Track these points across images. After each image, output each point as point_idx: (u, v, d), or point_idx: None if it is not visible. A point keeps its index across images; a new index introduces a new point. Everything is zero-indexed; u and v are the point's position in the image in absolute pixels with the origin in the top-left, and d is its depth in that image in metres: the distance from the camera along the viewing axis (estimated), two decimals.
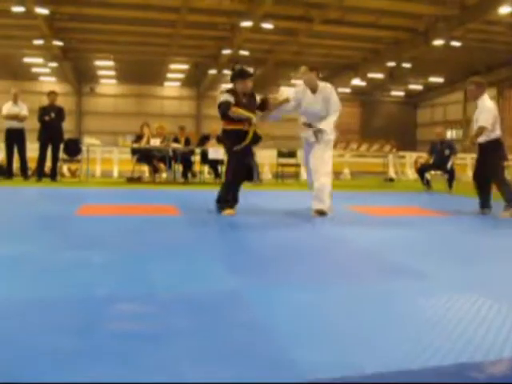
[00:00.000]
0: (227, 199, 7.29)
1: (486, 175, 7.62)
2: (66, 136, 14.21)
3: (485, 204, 7.63)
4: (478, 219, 7.31)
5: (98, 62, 38.93)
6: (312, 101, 7.39)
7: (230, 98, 7.19)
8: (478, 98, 7.59)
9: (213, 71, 38.75)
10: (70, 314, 2.71)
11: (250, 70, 7.48)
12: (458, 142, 40.35)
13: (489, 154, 7.49)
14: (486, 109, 7.46)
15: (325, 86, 7.43)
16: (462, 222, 7.03)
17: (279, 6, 24.50)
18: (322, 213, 7.01)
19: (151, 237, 5.28)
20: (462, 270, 3.97)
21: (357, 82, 38.46)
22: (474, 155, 8.15)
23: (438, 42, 27.90)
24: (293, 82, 44.78)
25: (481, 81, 7.86)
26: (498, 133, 7.54)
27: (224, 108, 7.22)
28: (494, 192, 7.70)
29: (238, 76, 7.24)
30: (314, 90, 7.45)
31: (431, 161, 13.21)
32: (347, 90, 43.15)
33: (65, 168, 14.98)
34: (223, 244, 5.00)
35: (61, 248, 4.46)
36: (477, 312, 2.87)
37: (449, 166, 12.55)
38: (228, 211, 7.12)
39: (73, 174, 15.02)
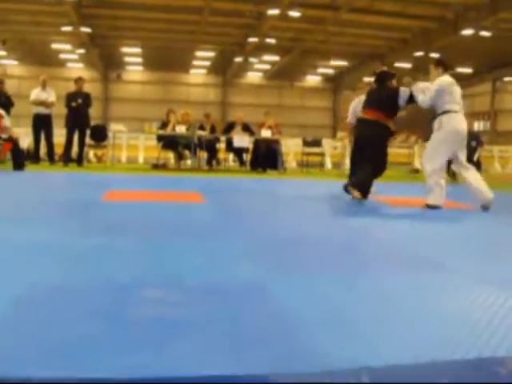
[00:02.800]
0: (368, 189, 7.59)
1: None
2: (93, 122, 14.36)
3: None
4: (503, 213, 7.23)
5: (125, 49, 39.07)
6: None
7: None
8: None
9: (239, 59, 38.69)
10: (95, 300, 2.72)
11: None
12: (486, 133, 39.99)
13: None
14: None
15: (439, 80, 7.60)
16: (487, 215, 6.96)
17: None
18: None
19: (176, 223, 5.31)
20: (486, 264, 3.94)
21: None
22: (502, 147, 8.04)
23: (468, 32, 27.48)
24: (319, 70, 44.62)
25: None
26: None
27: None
28: None
29: (390, 76, 7.95)
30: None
31: None
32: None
33: (91, 153, 15.14)
34: (248, 232, 5.01)
35: (88, 234, 4.50)
36: (500, 307, 2.85)
37: (475, 157, 12.43)
38: (357, 194, 7.37)
39: (99, 159, 15.17)
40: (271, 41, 33.20)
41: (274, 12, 26.35)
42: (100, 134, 14.17)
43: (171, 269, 3.40)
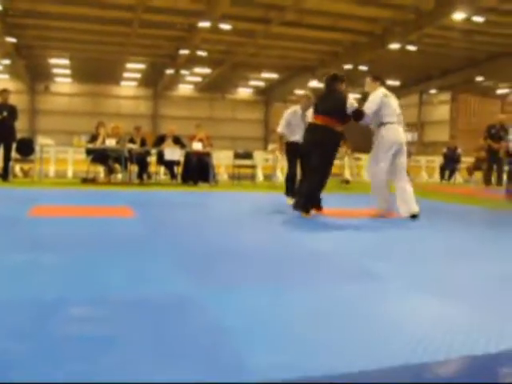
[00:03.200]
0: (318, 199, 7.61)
1: None
2: (19, 135, 13.93)
3: None
4: (428, 220, 7.38)
5: (53, 60, 38.25)
6: None
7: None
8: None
9: (170, 71, 38.50)
10: (18, 317, 2.64)
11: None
12: (414, 144, 41.11)
13: None
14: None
15: (375, 94, 7.67)
16: (414, 223, 7.09)
17: (237, 7, 24.46)
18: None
19: (104, 238, 5.19)
20: (413, 271, 3.99)
21: (314, 83, 38.61)
22: (429, 157, 8.26)
23: (395, 46, 28.26)
24: (250, 83, 44.88)
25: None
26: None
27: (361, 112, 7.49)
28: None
29: (340, 80, 7.74)
30: None
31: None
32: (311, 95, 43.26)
33: (17, 168, 14.69)
34: (177, 246, 4.95)
35: (9, 250, 4.36)
36: (429, 312, 2.89)
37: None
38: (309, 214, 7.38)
39: (25, 174, 14.74)
40: (202, 53, 33.20)
41: (204, 24, 26.35)
42: (26, 148, 13.78)
43: (98, 284, 3.32)
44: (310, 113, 9.28)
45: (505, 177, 13.76)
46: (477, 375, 2.18)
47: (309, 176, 7.71)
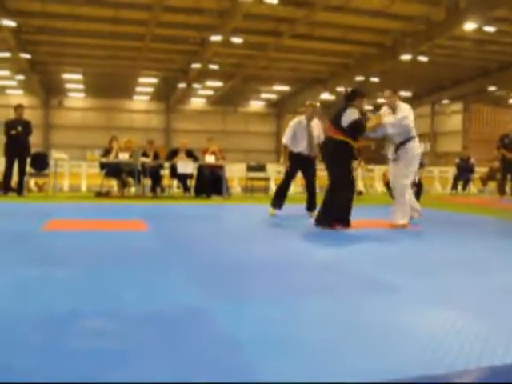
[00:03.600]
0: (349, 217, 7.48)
1: None
2: (33, 150, 14.05)
3: None
4: (441, 231, 7.35)
5: (66, 76, 38.61)
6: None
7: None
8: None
9: (182, 85, 38.70)
10: (31, 330, 2.66)
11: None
12: (427, 155, 40.95)
13: None
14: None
15: (404, 107, 7.73)
16: (427, 235, 7.07)
17: (249, 21, 24.64)
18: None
19: (118, 252, 5.22)
20: (425, 282, 3.99)
21: (326, 96, 38.69)
22: (442, 168, 8.30)
23: (406, 57, 28.30)
24: (262, 95, 44.98)
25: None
26: None
27: (361, 127, 7.42)
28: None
29: (359, 95, 7.59)
30: (394, 110, 7.76)
31: None
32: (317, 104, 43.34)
33: (32, 182, 14.79)
34: (190, 259, 4.97)
35: (24, 264, 4.39)
36: (442, 324, 2.88)
37: (417, 179, 12.65)
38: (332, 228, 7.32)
39: (40, 188, 14.83)
40: (214, 67, 33.37)
41: (216, 38, 26.52)
42: (41, 163, 13.88)
43: (111, 298, 3.34)
44: (314, 123, 9.29)
45: None
46: None
47: (329, 191, 7.54)
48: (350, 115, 7.33)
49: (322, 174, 9.43)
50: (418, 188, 12.65)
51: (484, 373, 2.26)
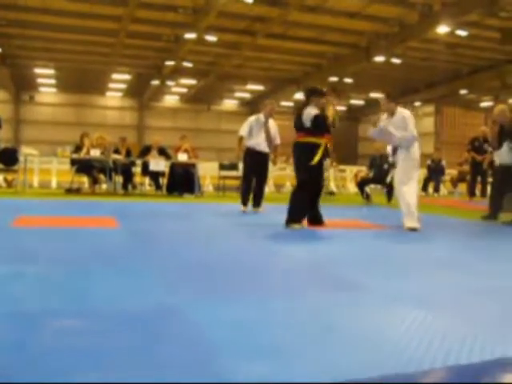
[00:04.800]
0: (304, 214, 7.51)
1: None
2: (3, 145, 13.86)
3: None
4: (413, 232, 7.41)
5: (38, 70, 38.12)
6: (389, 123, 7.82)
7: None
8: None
9: (156, 82, 38.49)
10: (1, 329, 2.61)
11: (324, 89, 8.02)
12: None
13: None
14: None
15: (409, 115, 7.79)
16: (398, 235, 7.12)
17: (223, 19, 24.59)
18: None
19: (88, 249, 5.16)
20: (396, 282, 4.00)
21: (299, 95, 38.75)
22: None
23: (379, 59, 28.49)
24: (236, 94, 44.95)
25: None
26: None
27: (322, 119, 7.42)
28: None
29: (316, 93, 7.63)
30: (393, 114, 7.86)
31: (371, 175, 13.44)
32: (290, 104, 43.54)
33: (1, 178, 14.60)
34: (162, 257, 4.93)
35: None
36: (409, 324, 2.89)
37: (388, 179, 12.74)
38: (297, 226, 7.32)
39: (9, 184, 14.64)
40: (188, 64, 33.26)
41: (191, 36, 26.42)
42: (10, 158, 13.68)
43: (80, 296, 3.30)
44: (271, 123, 9.45)
45: (489, 189, 13.84)
46: None
47: (292, 192, 7.77)
48: (309, 113, 7.43)
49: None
50: (388, 189, 12.75)
51: (450, 372, 2.28)
